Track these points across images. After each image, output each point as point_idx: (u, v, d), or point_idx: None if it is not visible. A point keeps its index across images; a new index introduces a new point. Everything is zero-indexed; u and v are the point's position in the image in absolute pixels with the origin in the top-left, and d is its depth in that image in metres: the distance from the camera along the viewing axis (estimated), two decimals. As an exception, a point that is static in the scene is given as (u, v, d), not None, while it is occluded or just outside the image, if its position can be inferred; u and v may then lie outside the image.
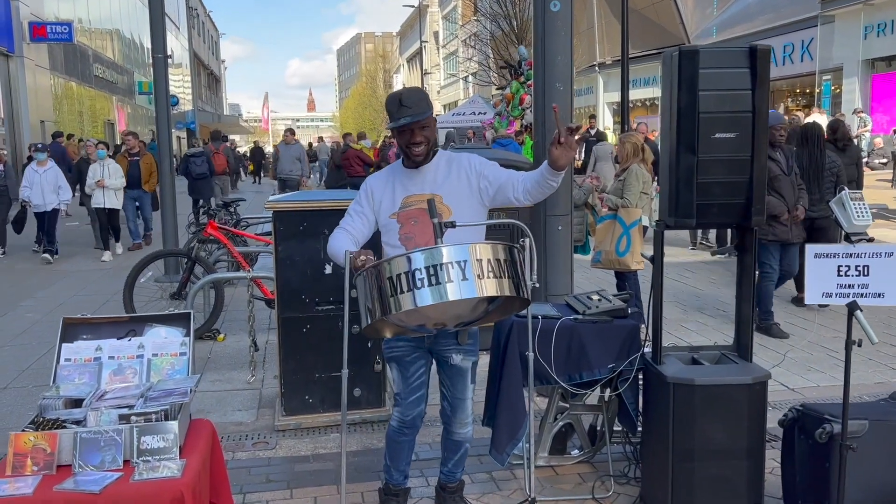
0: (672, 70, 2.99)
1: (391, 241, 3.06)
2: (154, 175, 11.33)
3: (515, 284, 2.61)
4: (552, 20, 4.56)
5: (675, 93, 2.99)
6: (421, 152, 3.00)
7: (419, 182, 3.06)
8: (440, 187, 3.03)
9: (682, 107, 2.96)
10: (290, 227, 4.42)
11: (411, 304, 2.51)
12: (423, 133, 2.97)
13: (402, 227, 3.05)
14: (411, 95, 2.97)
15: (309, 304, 4.46)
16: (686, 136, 2.96)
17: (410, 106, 2.92)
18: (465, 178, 3.05)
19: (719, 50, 2.98)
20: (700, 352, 3.36)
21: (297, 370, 4.48)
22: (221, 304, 6.44)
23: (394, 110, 2.96)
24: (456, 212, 2.98)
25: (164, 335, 3.14)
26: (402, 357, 3.14)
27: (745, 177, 2.99)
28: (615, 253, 6.30)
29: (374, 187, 3.12)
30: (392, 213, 3.06)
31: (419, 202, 3.01)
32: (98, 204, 10.90)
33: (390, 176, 3.13)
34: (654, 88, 31.95)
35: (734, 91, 2.95)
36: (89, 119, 28.39)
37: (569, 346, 3.43)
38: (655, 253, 3.19)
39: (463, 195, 3.03)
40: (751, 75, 2.94)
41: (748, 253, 3.19)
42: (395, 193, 3.07)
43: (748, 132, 2.96)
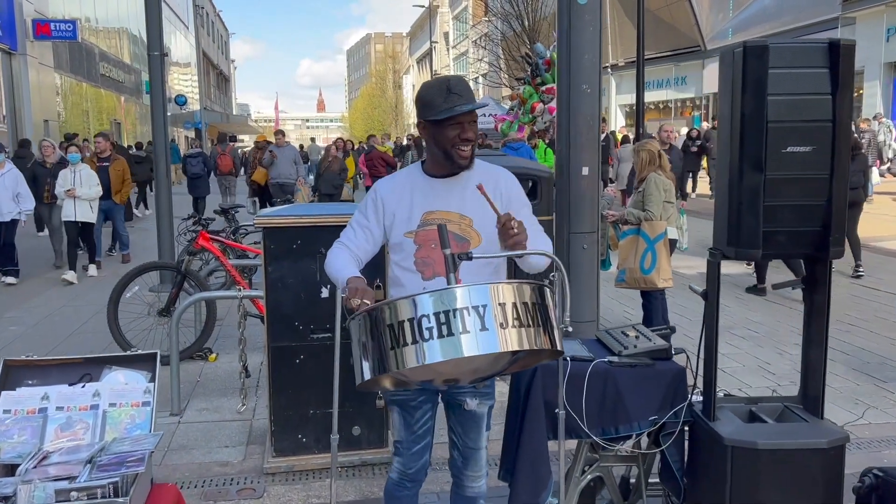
0: (734, 70, 2.48)
1: (404, 262, 2.53)
2: (127, 184, 10.19)
3: (547, 334, 2.10)
4: (579, 14, 4.05)
5: (737, 97, 2.47)
6: (468, 154, 2.43)
7: (445, 197, 2.50)
8: (471, 208, 2.48)
9: (747, 114, 2.44)
10: (281, 245, 3.92)
11: (416, 361, 2.00)
12: (474, 128, 2.42)
13: (420, 248, 2.51)
14: (460, 82, 2.42)
15: (303, 332, 3.96)
16: (751, 150, 2.44)
17: (461, 93, 2.37)
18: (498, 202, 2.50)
19: (793, 46, 2.45)
20: (759, 403, 2.84)
21: (290, 406, 3.98)
22: (213, 321, 5.96)
23: (439, 99, 2.39)
24: (485, 242, 2.47)
25: (124, 380, 2.64)
26: (407, 401, 2.63)
27: (821, 199, 2.47)
28: (640, 271, 5.78)
29: (386, 197, 2.55)
30: (408, 231, 2.51)
31: (444, 221, 2.47)
32: (68, 217, 9.16)
33: (407, 184, 2.55)
34: (666, 91, 31.38)
35: (810, 96, 2.43)
36: (95, 118, 28.02)
37: (603, 395, 2.91)
38: (709, 287, 2.67)
39: (491, 223, 2.51)
40: (830, 77, 2.42)
41: (821, 289, 2.67)
42: (412, 206, 2.51)
43: (827, 146, 2.44)
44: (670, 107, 31.88)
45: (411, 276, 2.51)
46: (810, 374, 2.74)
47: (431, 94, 2.43)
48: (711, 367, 2.67)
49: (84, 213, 9.21)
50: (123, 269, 9.03)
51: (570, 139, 4.14)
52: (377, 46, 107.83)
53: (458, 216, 2.48)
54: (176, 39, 42.89)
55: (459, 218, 2.48)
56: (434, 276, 2.47)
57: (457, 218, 2.48)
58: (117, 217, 10.37)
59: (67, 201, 9.13)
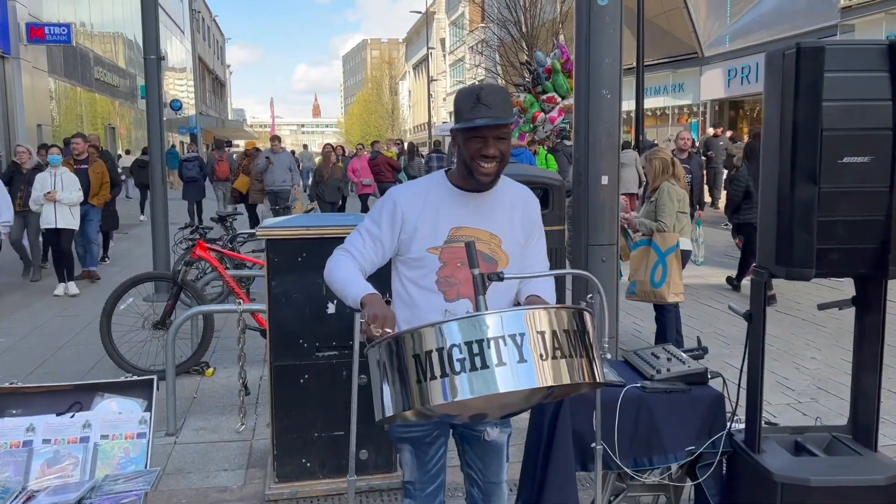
0: (784, 73, 2.28)
1: (423, 280, 2.29)
2: (105, 187, 9.40)
3: (590, 366, 1.89)
4: (599, 15, 3.85)
5: (788, 103, 2.27)
6: (491, 171, 2.22)
7: (475, 213, 2.29)
8: (500, 227, 2.29)
9: (800, 122, 2.24)
10: (286, 257, 3.70)
11: (443, 398, 1.79)
12: (500, 146, 2.19)
13: (445, 266, 2.28)
14: (493, 93, 2.20)
15: (308, 350, 3.74)
16: (804, 161, 2.24)
17: (490, 105, 2.15)
18: (518, 224, 2.33)
19: (850, 47, 2.26)
20: (805, 433, 2.63)
21: (293, 428, 3.76)
22: (211, 333, 5.73)
23: (467, 108, 2.19)
24: (513, 264, 2.27)
25: (118, 409, 2.42)
26: (421, 439, 2.40)
27: (879, 214, 2.27)
28: (650, 284, 5.59)
29: (407, 208, 2.29)
30: (433, 247, 2.27)
31: (473, 239, 2.24)
32: (48, 224, 8.43)
33: (432, 195, 2.32)
34: (664, 98, 31.24)
35: (868, 102, 2.23)
36: (89, 122, 27.75)
37: (635, 423, 2.70)
38: (754, 308, 2.47)
39: (518, 246, 2.30)
40: (891, 81, 2.22)
41: (874, 310, 2.46)
42: (438, 220, 2.28)
43: (886, 156, 2.25)
44: (668, 114, 31.75)
45: (431, 297, 2.28)
46: (862, 401, 2.53)
47: (461, 101, 2.22)
48: (756, 395, 2.46)
49: (65, 218, 8.52)
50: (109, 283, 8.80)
51: (588, 147, 3.94)
52: (373, 52, 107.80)
53: (487, 235, 2.27)
54: (172, 44, 42.67)
55: (489, 237, 2.27)
56: (458, 297, 2.26)
57: (486, 237, 2.27)
58: (91, 222, 9.40)
59: (47, 207, 8.42)
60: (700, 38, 27.98)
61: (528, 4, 28.02)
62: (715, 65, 27.25)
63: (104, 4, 31.10)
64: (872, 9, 20.50)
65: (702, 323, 7.07)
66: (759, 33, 24.60)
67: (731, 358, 6.03)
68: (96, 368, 5.87)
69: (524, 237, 2.34)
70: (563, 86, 16.88)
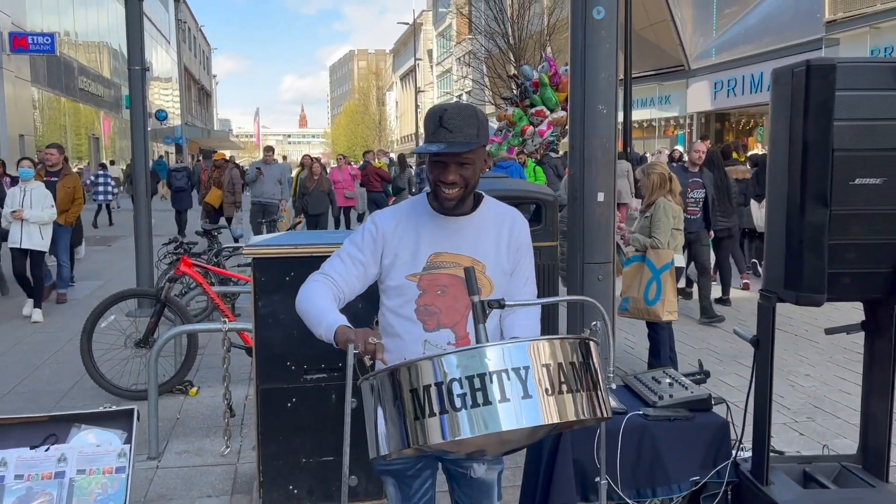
0: (794, 91, 2.20)
1: (402, 309, 2.18)
2: (78, 203, 8.61)
3: (598, 400, 1.79)
4: (595, 29, 3.77)
5: (797, 122, 2.19)
6: (453, 196, 2.10)
7: (455, 237, 2.18)
8: (484, 252, 2.17)
9: (810, 142, 2.16)
10: (273, 276, 3.58)
11: (442, 437, 1.68)
12: (462, 171, 2.07)
13: (424, 294, 2.16)
14: (457, 115, 2.06)
15: (295, 373, 3.61)
16: (815, 182, 2.16)
17: (452, 129, 2.03)
18: (504, 248, 2.21)
19: (861, 65, 2.18)
20: (813, 463, 2.53)
21: (280, 454, 3.62)
22: (195, 352, 5.58)
23: (429, 130, 2.09)
24: (497, 292, 2.15)
25: (96, 442, 2.30)
26: (403, 472, 2.27)
27: (893, 237, 2.19)
28: (644, 301, 5.50)
29: (388, 232, 2.18)
30: (412, 274, 2.16)
31: (451, 264, 2.15)
32: (14, 243, 7.73)
33: (412, 219, 2.20)
34: (650, 110, 31.40)
35: (881, 121, 2.15)
36: (73, 133, 27.49)
37: (638, 452, 2.60)
38: (761, 333, 2.37)
39: (502, 273, 2.19)
40: (903, 100, 2.15)
41: (884, 335, 2.38)
42: (418, 246, 2.17)
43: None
44: (654, 125, 31.91)
45: (410, 326, 2.17)
46: (872, 429, 2.44)
47: (426, 121, 2.11)
48: (764, 423, 2.37)
49: (33, 239, 7.76)
50: (92, 298, 8.62)
51: (584, 162, 3.85)
52: (360, 63, 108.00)
53: (469, 260, 2.15)
54: (157, 54, 42.48)
55: (471, 262, 2.15)
56: (438, 327, 2.14)
57: (468, 262, 2.14)
58: (60, 242, 8.59)
59: (14, 225, 7.71)
60: (686, 50, 28.16)
61: (515, 16, 28.10)
62: (701, 77, 27.42)
63: (89, 14, 30.88)
64: (857, 23, 20.71)
65: (694, 339, 7.00)
66: (745, 46, 24.80)
67: (725, 375, 5.96)
68: (76, 388, 5.71)
69: (510, 264, 2.23)
70: (552, 99, 16.88)
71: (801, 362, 6.33)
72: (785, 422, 5.02)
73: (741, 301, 8.70)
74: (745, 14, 25.10)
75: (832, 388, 5.61)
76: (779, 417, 5.09)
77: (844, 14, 21.05)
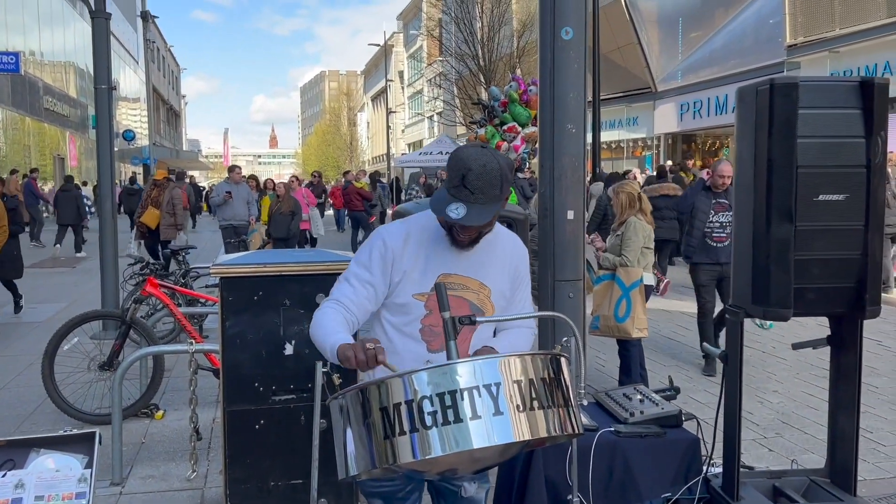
0: (758, 109, 2.24)
1: (407, 327, 2.15)
2: (3, 230, 7.84)
3: (569, 416, 1.78)
4: (564, 50, 3.81)
5: (762, 140, 2.22)
6: (467, 240, 2.11)
7: (466, 260, 2.16)
8: (492, 277, 2.17)
9: (775, 159, 2.19)
10: (241, 296, 3.52)
11: (412, 456, 1.66)
12: (472, 231, 2.09)
13: (430, 314, 2.15)
14: (483, 176, 2.00)
15: (263, 394, 3.55)
16: (780, 198, 2.19)
17: (474, 190, 2.00)
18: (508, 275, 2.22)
19: (823, 84, 2.23)
20: (782, 478, 2.55)
21: (248, 478, 3.55)
22: (161, 374, 5.46)
23: (452, 182, 2.04)
24: (497, 315, 2.17)
25: (55, 467, 2.22)
26: (393, 494, 2.24)
27: (856, 252, 2.22)
28: (614, 319, 5.54)
29: (398, 250, 2.14)
30: (419, 293, 2.14)
31: (459, 286, 2.15)
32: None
33: (423, 237, 2.17)
34: (619, 131, 31.85)
35: (843, 139, 2.20)
36: (37, 153, 27.05)
37: (610, 470, 2.59)
38: (730, 349, 2.39)
39: (506, 295, 2.19)
40: (863, 118, 2.20)
41: (850, 350, 2.41)
42: (427, 265, 2.14)
43: (861, 193, 2.21)
44: (623, 146, 32.34)
45: (413, 345, 2.14)
46: (840, 444, 2.47)
47: (450, 169, 2.07)
48: (734, 440, 2.37)
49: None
50: (55, 320, 8.44)
51: (554, 181, 3.88)
52: (331, 84, 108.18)
53: (477, 284, 2.15)
54: (125, 74, 42.10)
55: (479, 287, 2.15)
56: (442, 348, 2.12)
57: (476, 286, 2.15)
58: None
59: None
60: (653, 73, 28.68)
61: (485, 39, 28.41)
62: (668, 99, 27.92)
63: (55, 33, 30.56)
64: (817, 47, 21.28)
65: (664, 356, 7.04)
66: (710, 69, 25.33)
67: (695, 392, 6.00)
68: (38, 412, 5.55)
69: (511, 290, 2.24)
70: (522, 114, 17.06)
71: (770, 378, 6.40)
72: (754, 438, 5.06)
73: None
74: (710, 38, 25.66)
75: (800, 404, 5.67)
76: (748, 434, 5.12)
77: (805, 38, 21.63)
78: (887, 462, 4.52)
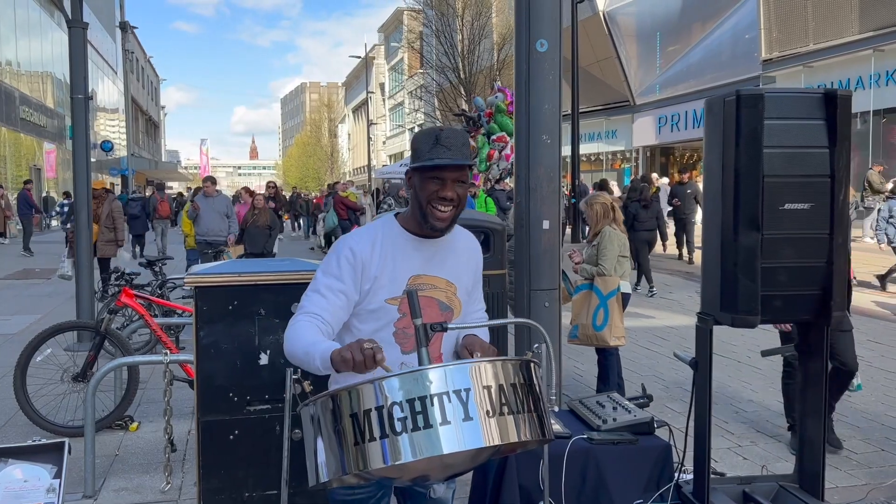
0: (725, 120, 2.28)
1: (380, 334, 2.14)
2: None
3: (539, 422, 1.80)
4: (539, 61, 3.86)
5: (729, 150, 2.27)
6: (447, 216, 2.11)
7: (433, 260, 2.18)
8: (458, 274, 2.21)
9: (741, 168, 2.24)
10: (216, 306, 3.50)
11: (383, 461, 1.66)
12: (458, 189, 2.10)
13: (403, 317, 2.14)
14: (453, 136, 2.12)
15: (238, 404, 3.52)
16: (747, 207, 2.23)
17: (450, 147, 2.08)
18: (471, 272, 2.27)
19: (788, 95, 2.28)
20: (752, 483, 2.58)
21: (222, 489, 3.52)
22: (135, 386, 5.40)
23: (425, 148, 2.10)
24: (465, 313, 2.20)
25: (23, 477, 2.20)
26: (364, 501, 2.24)
27: (821, 260, 2.27)
28: (592, 327, 5.57)
29: (367, 257, 2.12)
30: (392, 298, 2.13)
31: (428, 287, 2.16)
32: None
33: (387, 242, 2.17)
34: (598, 143, 32.15)
35: (807, 149, 2.25)
36: (13, 164, 26.74)
37: (583, 476, 2.61)
38: (700, 355, 2.42)
39: (469, 290, 2.24)
40: (827, 129, 2.25)
41: (816, 356, 2.45)
42: (396, 269, 2.14)
43: (825, 202, 2.26)
44: (602, 159, 32.63)
45: (386, 349, 2.13)
46: (807, 449, 2.50)
47: (420, 141, 2.13)
48: (704, 446, 2.40)
49: None
50: (28, 332, 8.32)
51: (529, 191, 3.91)
52: (312, 95, 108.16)
53: (444, 282, 2.17)
54: (104, 84, 41.80)
55: (447, 284, 2.18)
56: (415, 349, 2.14)
57: (444, 284, 2.17)
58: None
59: None
60: (632, 86, 29.01)
61: (465, 52, 28.59)
62: (646, 112, 28.23)
63: (32, 43, 30.28)
64: (791, 62, 21.66)
65: (641, 367, 7.09)
66: (687, 83, 25.69)
67: (671, 401, 6.04)
68: (9, 425, 5.47)
69: (472, 284, 2.28)
70: (510, 125, 17.22)
71: (745, 388, 6.46)
72: (729, 447, 5.10)
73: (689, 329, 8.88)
74: (687, 52, 26.02)
75: (774, 413, 5.73)
76: (723, 442, 5.17)
77: (780, 53, 22.01)
78: (859, 470, 4.58)
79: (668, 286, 12.31)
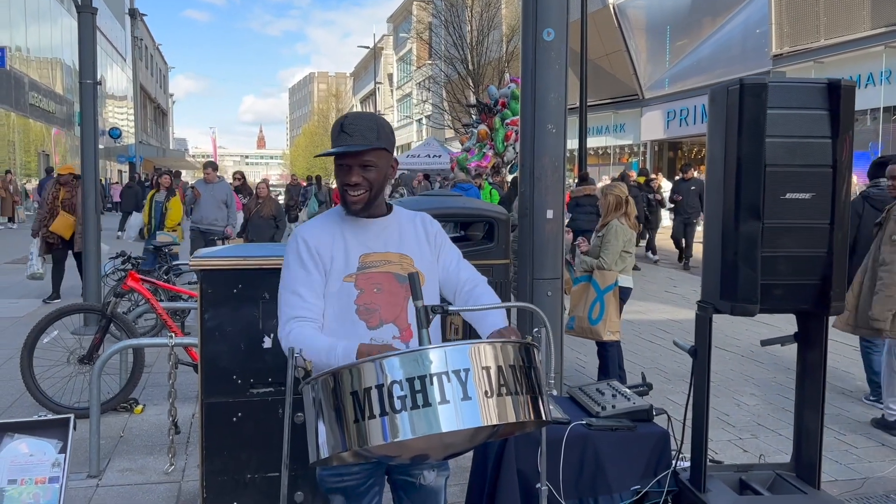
0: (728, 109, 2.29)
1: (344, 314, 2.19)
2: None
3: (537, 403, 1.82)
4: (545, 51, 3.86)
5: (732, 139, 2.27)
6: (358, 199, 2.17)
7: (381, 237, 2.26)
8: (409, 247, 2.27)
9: (744, 157, 2.25)
10: (220, 289, 3.54)
11: (383, 438, 1.69)
12: (365, 174, 2.16)
13: (362, 293, 2.19)
14: (357, 121, 2.18)
15: (241, 387, 3.56)
16: (749, 196, 2.24)
17: (352, 133, 2.14)
18: (424, 242, 2.32)
19: (791, 85, 2.29)
20: (749, 471, 2.60)
21: (225, 470, 3.56)
22: (141, 368, 5.45)
23: (333, 136, 2.20)
24: (431, 281, 2.25)
25: (29, 451, 2.23)
26: (354, 489, 2.24)
27: (822, 250, 2.28)
28: (587, 320, 5.58)
29: (319, 242, 2.21)
30: (348, 275, 2.20)
31: (382, 263, 2.22)
32: None
33: (335, 226, 2.26)
34: (605, 137, 32.05)
35: (810, 139, 2.25)
36: (22, 149, 26.86)
37: (581, 462, 2.63)
38: (699, 344, 2.44)
39: (430, 263, 2.29)
40: (830, 119, 2.26)
41: (816, 347, 2.47)
42: (347, 249, 2.21)
43: (827, 192, 2.27)
44: (609, 153, 32.53)
45: (354, 328, 2.18)
46: (805, 439, 2.52)
47: (331, 131, 2.22)
48: (701, 433, 2.42)
49: None
50: (35, 314, 8.37)
51: (533, 180, 3.92)
52: (320, 85, 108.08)
53: (397, 256, 2.24)
54: (112, 71, 41.88)
55: (399, 258, 2.24)
56: (381, 323, 2.18)
57: (396, 258, 2.23)
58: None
59: None
60: (641, 80, 28.87)
61: (474, 43, 28.53)
62: (655, 106, 28.11)
63: (42, 29, 30.35)
64: (802, 57, 21.52)
65: (643, 359, 7.10)
66: (697, 77, 25.54)
67: (672, 394, 6.06)
68: (16, 405, 5.53)
69: (433, 253, 2.32)
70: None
71: (747, 381, 6.47)
72: (730, 438, 5.12)
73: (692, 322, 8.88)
74: (697, 46, 25.88)
75: (776, 407, 5.74)
76: (724, 434, 5.19)
77: (790, 48, 21.87)
78: (859, 464, 4.59)
79: (672, 280, 12.30)
